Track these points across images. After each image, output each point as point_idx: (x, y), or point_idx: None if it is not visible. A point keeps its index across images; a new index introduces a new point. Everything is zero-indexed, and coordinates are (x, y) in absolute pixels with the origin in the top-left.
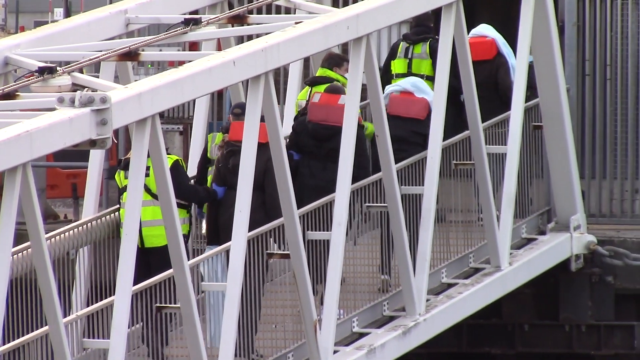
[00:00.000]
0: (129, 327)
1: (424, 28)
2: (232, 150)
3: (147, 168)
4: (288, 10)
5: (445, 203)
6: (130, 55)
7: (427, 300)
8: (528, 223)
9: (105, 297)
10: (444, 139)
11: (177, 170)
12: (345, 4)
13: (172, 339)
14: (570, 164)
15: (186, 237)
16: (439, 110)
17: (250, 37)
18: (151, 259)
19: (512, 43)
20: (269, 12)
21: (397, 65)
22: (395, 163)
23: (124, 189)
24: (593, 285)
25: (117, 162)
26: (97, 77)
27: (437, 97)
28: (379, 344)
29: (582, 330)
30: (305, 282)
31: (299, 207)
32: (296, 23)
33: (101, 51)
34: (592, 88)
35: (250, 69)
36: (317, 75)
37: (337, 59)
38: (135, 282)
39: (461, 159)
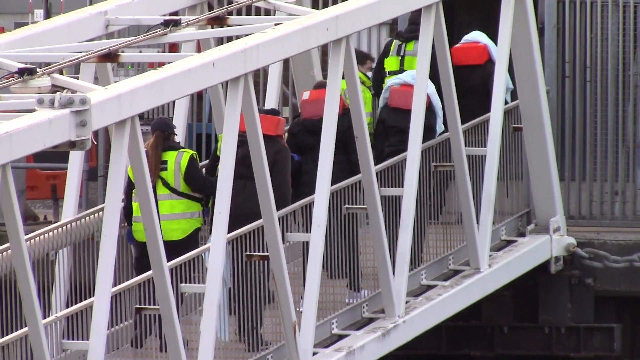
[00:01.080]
0: (109, 328)
1: (416, 26)
2: (240, 141)
3: (165, 162)
4: (268, 12)
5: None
6: (110, 56)
7: (407, 302)
8: (507, 225)
9: (86, 299)
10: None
11: (192, 164)
12: (325, 5)
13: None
14: (549, 165)
15: (198, 231)
16: (419, 113)
17: (229, 39)
18: (167, 253)
19: (494, 43)
20: (248, 13)
21: (390, 63)
22: (397, 154)
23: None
24: (572, 287)
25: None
26: (77, 78)
27: (416, 99)
28: (359, 346)
29: (561, 332)
30: (284, 283)
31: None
32: (276, 24)
33: (81, 52)
34: (571, 90)
35: (229, 70)
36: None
37: (359, 56)
38: None
39: (441, 161)
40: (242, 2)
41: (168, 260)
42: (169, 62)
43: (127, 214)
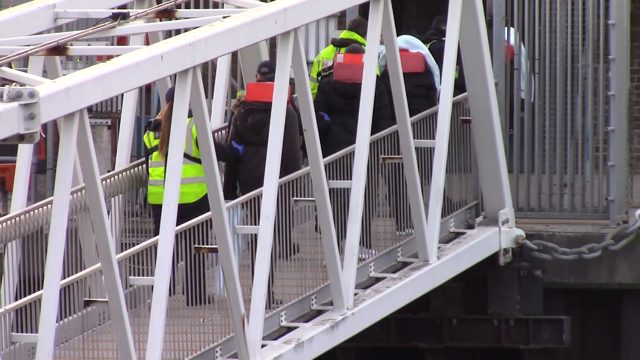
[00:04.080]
0: (58, 321)
1: (434, 31)
2: (249, 109)
3: None
4: (216, 5)
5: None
6: (59, 49)
7: (355, 294)
8: (456, 217)
9: (35, 291)
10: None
11: None
12: None
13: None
14: (498, 158)
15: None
16: (367, 107)
17: (178, 32)
18: (180, 216)
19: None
20: (197, 6)
21: None
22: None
23: (153, 148)
24: (521, 280)
25: (148, 124)
26: (26, 71)
27: (365, 93)
28: (307, 338)
29: (510, 324)
30: (232, 275)
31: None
32: (224, 17)
33: (29, 46)
34: (520, 82)
35: (178, 63)
36: (342, 37)
37: (366, 27)
38: None
39: (390, 153)
40: None
41: (181, 223)
42: (118, 55)
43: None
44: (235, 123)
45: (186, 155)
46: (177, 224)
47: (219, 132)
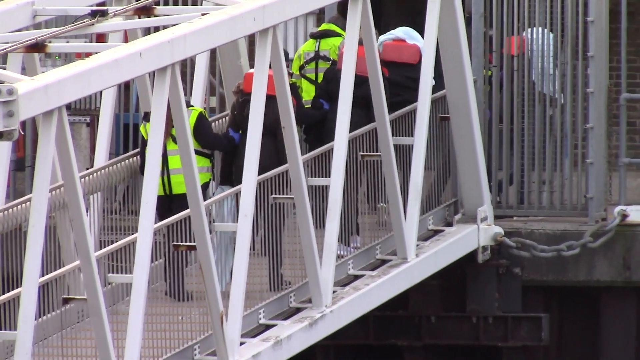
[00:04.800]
0: (36, 319)
1: None
2: (246, 99)
3: None
4: (195, 2)
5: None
6: (38, 46)
7: (334, 291)
8: (435, 214)
9: (13, 289)
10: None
11: (202, 121)
12: None
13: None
14: (477, 155)
15: (207, 185)
16: (346, 103)
17: (157, 29)
18: (173, 205)
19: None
20: (175, 3)
21: None
22: (391, 107)
23: None
24: (500, 277)
25: (145, 115)
26: (4, 69)
27: (343, 90)
28: (286, 336)
29: (489, 321)
30: (211, 273)
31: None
32: (203, 14)
33: (8, 43)
34: (498, 79)
35: (156, 60)
36: (321, 29)
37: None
38: None
39: (368, 150)
40: None
41: (172, 213)
42: (96, 53)
43: (142, 171)
44: (233, 111)
45: None
46: (173, 213)
47: (218, 120)
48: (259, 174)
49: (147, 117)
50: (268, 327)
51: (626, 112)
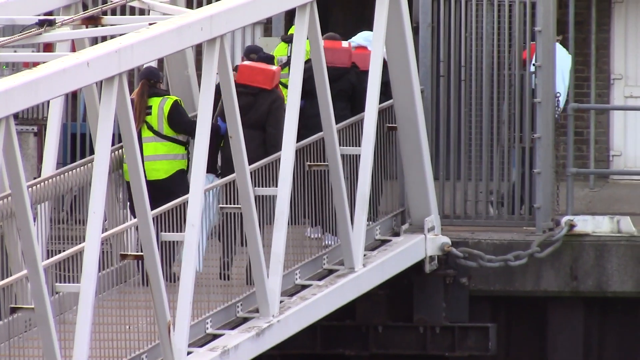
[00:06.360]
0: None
1: None
2: (238, 91)
3: (150, 107)
4: (142, 12)
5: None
6: None
7: (281, 301)
8: (382, 224)
9: None
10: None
11: (177, 109)
12: (200, 5)
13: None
14: (424, 165)
15: (184, 172)
16: (293, 113)
17: (104, 38)
18: (151, 192)
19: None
20: (123, 13)
21: None
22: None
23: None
24: (447, 287)
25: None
26: None
27: (290, 100)
28: (233, 345)
29: (436, 331)
30: (158, 282)
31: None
32: (150, 24)
33: None
34: (446, 89)
35: (104, 70)
36: (290, 33)
37: None
38: None
39: (316, 160)
40: (116, 2)
41: (154, 200)
42: (44, 62)
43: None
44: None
45: (157, 133)
46: (153, 201)
47: None
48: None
49: None
50: (215, 336)
51: (574, 122)
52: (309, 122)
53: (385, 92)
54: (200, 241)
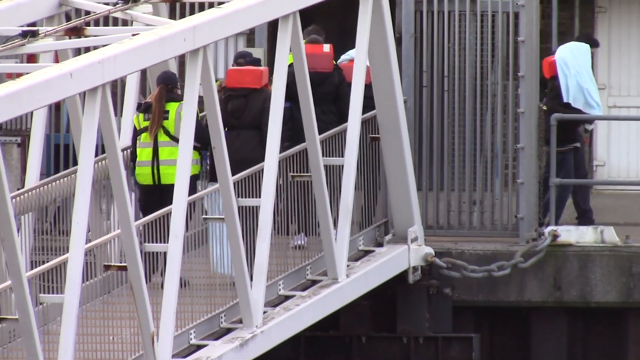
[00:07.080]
0: None
1: None
2: (229, 95)
3: (167, 112)
4: (125, 23)
5: None
6: None
7: (265, 312)
8: (365, 235)
9: None
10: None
11: None
12: (183, 16)
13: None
14: (407, 175)
15: (196, 177)
16: (276, 124)
17: (87, 49)
18: (164, 195)
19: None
20: (106, 24)
21: None
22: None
23: (142, 130)
24: (431, 297)
25: (138, 106)
26: None
27: (273, 111)
28: (217, 356)
29: (419, 342)
30: (142, 293)
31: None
32: (133, 35)
33: None
34: (429, 99)
35: (87, 81)
36: None
37: (308, 33)
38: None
39: (299, 171)
40: (99, 13)
41: (163, 203)
42: (27, 73)
43: (132, 158)
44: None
45: (174, 138)
46: (158, 205)
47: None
48: (245, 167)
49: (139, 107)
50: (199, 347)
51: (557, 132)
52: (294, 126)
53: (368, 105)
54: (221, 245)
